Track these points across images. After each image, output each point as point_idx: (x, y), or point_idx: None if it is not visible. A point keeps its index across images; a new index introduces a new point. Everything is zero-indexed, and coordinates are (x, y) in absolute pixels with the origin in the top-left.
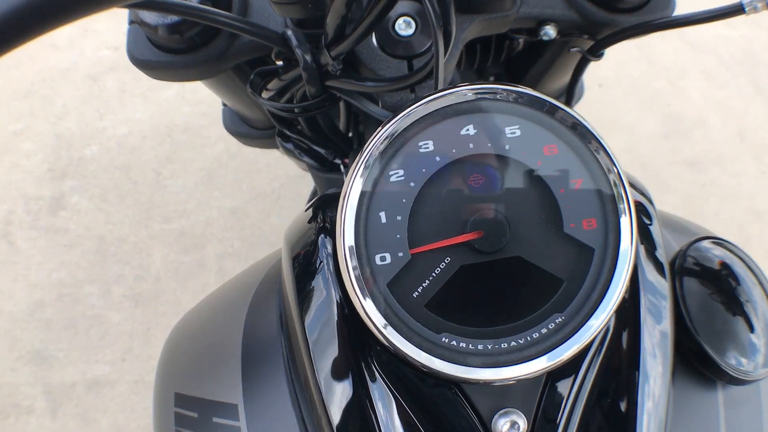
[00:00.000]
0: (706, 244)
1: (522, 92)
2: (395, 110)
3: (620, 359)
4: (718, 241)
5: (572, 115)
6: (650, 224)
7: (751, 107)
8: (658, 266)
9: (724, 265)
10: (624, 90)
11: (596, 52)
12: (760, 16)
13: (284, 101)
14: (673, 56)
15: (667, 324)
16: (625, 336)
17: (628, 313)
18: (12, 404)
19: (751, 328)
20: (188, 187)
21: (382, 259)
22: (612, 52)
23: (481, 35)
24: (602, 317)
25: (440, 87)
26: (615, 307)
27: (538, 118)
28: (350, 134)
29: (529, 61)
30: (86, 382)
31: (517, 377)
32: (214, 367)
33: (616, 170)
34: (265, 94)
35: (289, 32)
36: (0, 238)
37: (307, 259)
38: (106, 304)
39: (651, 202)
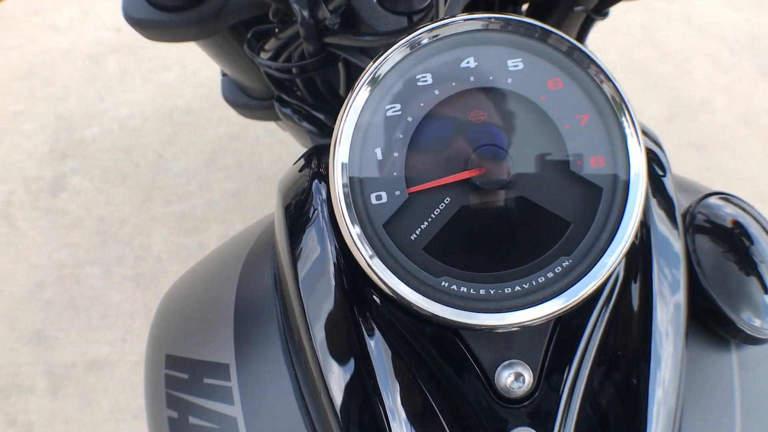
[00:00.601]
0: (715, 200)
1: (525, 22)
2: None
3: (631, 310)
4: (728, 197)
5: (577, 47)
6: (662, 175)
7: (756, 90)
8: (671, 216)
9: (737, 224)
10: (629, 73)
11: (601, 11)
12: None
13: (282, 61)
14: (679, 39)
15: (680, 276)
16: (636, 286)
17: (640, 263)
18: (12, 384)
19: (765, 289)
20: (190, 169)
21: (378, 198)
22: (617, 35)
23: None
24: (612, 259)
25: None
26: (626, 249)
27: (541, 50)
28: None
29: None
30: (86, 362)
31: (522, 323)
32: (205, 328)
33: (625, 107)
34: (262, 55)
35: None
36: (0, 219)
37: (300, 207)
38: (107, 285)
39: (663, 150)
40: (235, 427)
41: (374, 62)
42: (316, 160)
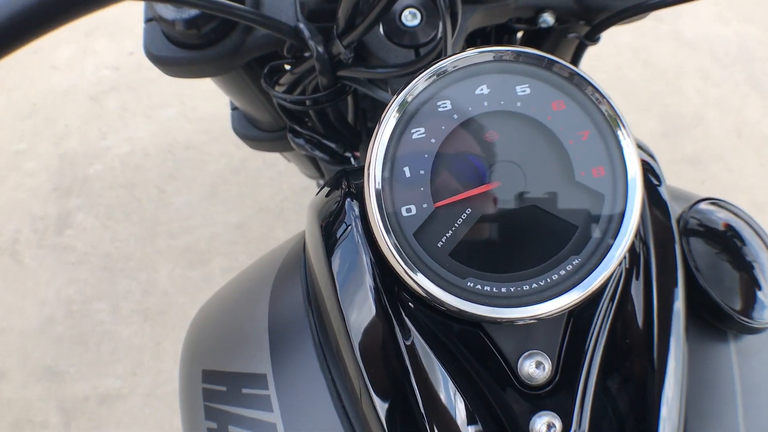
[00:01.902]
0: (706, 205)
1: (533, 54)
2: None
3: (635, 303)
4: (717, 202)
5: (577, 72)
6: (657, 184)
7: (747, 102)
8: (666, 220)
9: (729, 227)
10: (621, 93)
11: (593, 37)
12: (753, 11)
13: (297, 94)
14: (669, 57)
15: (677, 271)
16: (638, 283)
17: (640, 262)
18: (26, 419)
19: (759, 286)
20: (192, 203)
21: (408, 210)
22: (607, 55)
23: (482, 25)
24: (617, 255)
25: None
26: (628, 246)
27: (545, 76)
28: (358, 127)
29: (533, 47)
30: (98, 396)
31: (541, 314)
32: (241, 342)
33: (620, 122)
34: (277, 89)
35: (302, 25)
36: (8, 257)
37: (335, 224)
38: (116, 320)
39: (656, 161)
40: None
41: (399, 93)
42: (345, 181)
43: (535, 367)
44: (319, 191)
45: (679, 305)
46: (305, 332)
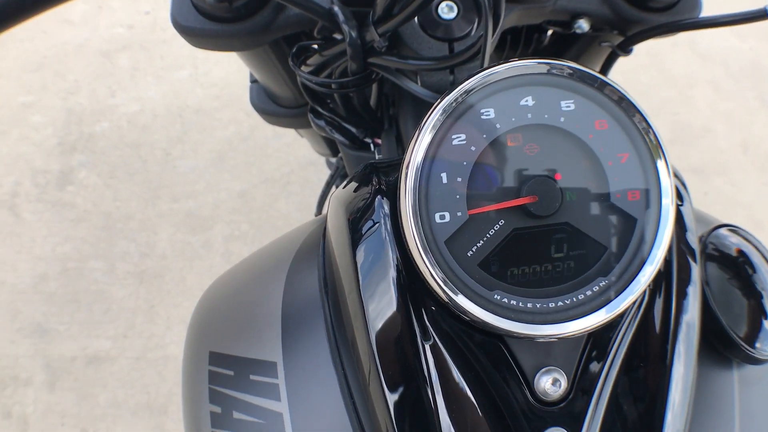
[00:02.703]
0: (725, 231)
1: (577, 68)
2: (435, 89)
3: (654, 327)
4: (735, 229)
5: (619, 90)
6: (681, 204)
7: (756, 119)
8: (691, 243)
9: (741, 253)
10: (635, 95)
11: (626, 48)
12: None
13: (324, 76)
14: (683, 65)
15: (697, 297)
16: (658, 305)
17: (662, 284)
18: (10, 376)
19: (766, 315)
20: (198, 168)
21: (442, 217)
22: (621, 59)
23: (517, 24)
24: (644, 280)
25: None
26: (655, 273)
27: (591, 94)
28: (380, 114)
29: (556, 54)
30: (86, 356)
31: (564, 334)
32: (252, 326)
33: (661, 151)
34: (303, 69)
35: (336, 8)
36: (6, 210)
37: (363, 220)
38: (111, 280)
39: (684, 185)
40: (280, 422)
41: (445, 96)
42: (376, 177)
43: (552, 384)
44: (346, 184)
45: (694, 330)
46: (319, 322)
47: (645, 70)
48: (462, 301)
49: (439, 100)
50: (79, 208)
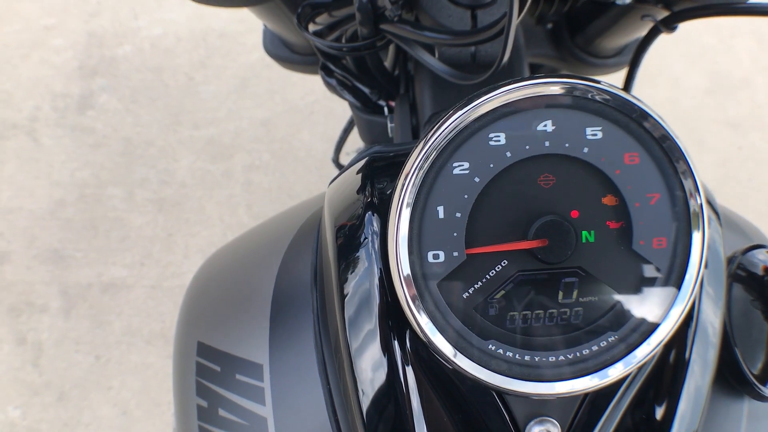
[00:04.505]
0: (759, 252)
1: (612, 93)
2: (452, 64)
3: (662, 381)
4: None
5: (663, 126)
6: (714, 231)
7: None
8: (717, 289)
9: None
10: (672, 40)
11: (670, 24)
12: None
13: (333, 38)
14: None
15: (714, 351)
16: (670, 358)
17: (678, 336)
18: (25, 302)
19: None
20: (220, 95)
21: (435, 257)
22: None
23: None
24: (654, 343)
25: (508, 53)
26: (672, 334)
27: (623, 122)
28: (396, 73)
29: (592, 15)
30: (102, 284)
31: (560, 394)
32: (241, 321)
33: (698, 195)
34: (312, 27)
35: None
36: (24, 135)
37: (351, 232)
38: (129, 207)
39: (716, 211)
40: (264, 427)
41: (447, 117)
42: (371, 186)
43: None
44: (342, 173)
45: (707, 378)
46: (308, 327)
47: None
48: (453, 356)
49: (437, 121)
50: (99, 133)
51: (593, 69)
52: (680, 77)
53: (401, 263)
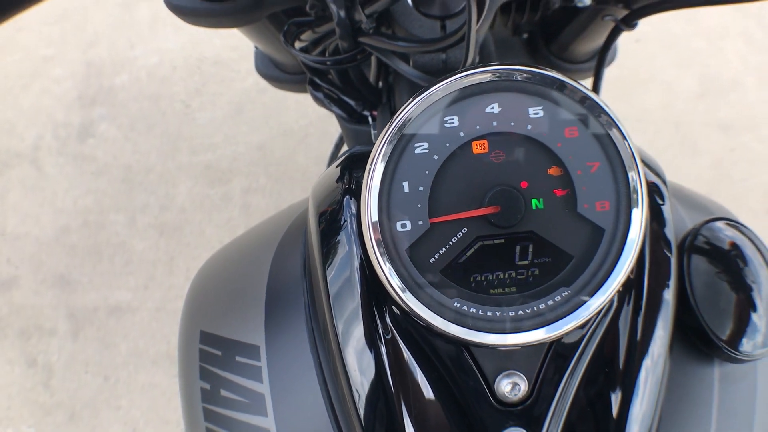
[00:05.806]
0: (719, 224)
1: (548, 75)
2: (426, 71)
3: (621, 331)
4: (732, 223)
5: (597, 103)
6: (662, 204)
7: None
8: (666, 246)
9: (734, 246)
10: (662, 46)
11: (630, 22)
12: None
13: (317, 53)
14: (715, 15)
15: (668, 302)
16: (626, 311)
17: (632, 289)
18: (35, 326)
19: (754, 308)
20: (216, 121)
21: (403, 226)
22: None
23: None
24: (605, 296)
25: (471, 55)
26: (618, 288)
27: (561, 100)
28: (380, 84)
29: (563, 22)
30: (108, 307)
31: (518, 344)
32: (239, 308)
33: (633, 159)
34: (298, 44)
35: None
36: (28, 164)
37: (332, 217)
38: (131, 233)
39: (664, 182)
40: (262, 402)
41: (407, 105)
42: (348, 175)
43: (511, 388)
44: (326, 172)
45: (665, 336)
46: (299, 310)
47: (675, 20)
48: (422, 312)
49: (399, 111)
50: (100, 161)
51: (570, 74)
52: (672, 81)
53: (373, 233)
